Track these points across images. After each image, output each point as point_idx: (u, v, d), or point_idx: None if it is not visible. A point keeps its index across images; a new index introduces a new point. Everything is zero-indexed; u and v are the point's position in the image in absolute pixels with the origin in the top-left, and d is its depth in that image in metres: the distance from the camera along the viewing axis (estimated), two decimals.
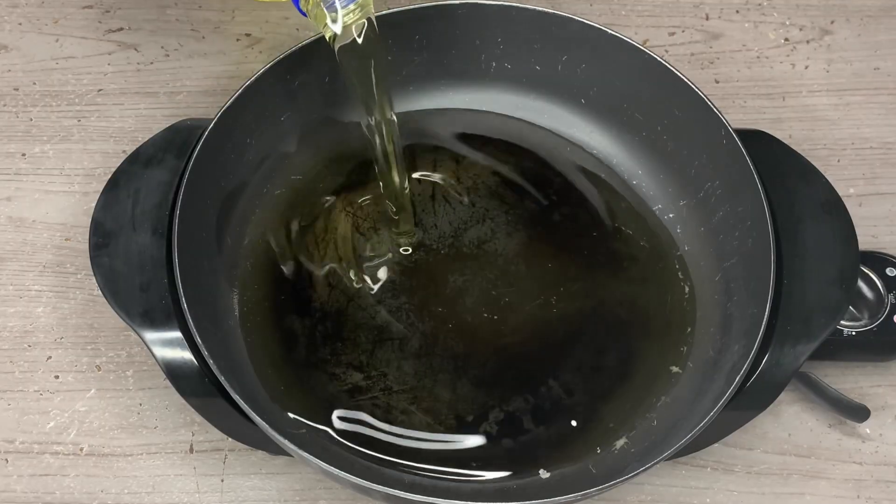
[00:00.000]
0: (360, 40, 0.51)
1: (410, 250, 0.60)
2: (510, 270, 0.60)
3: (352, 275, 0.59)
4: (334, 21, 0.51)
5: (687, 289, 0.59)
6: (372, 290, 0.59)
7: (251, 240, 0.60)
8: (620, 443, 0.54)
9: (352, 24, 0.51)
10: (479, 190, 0.63)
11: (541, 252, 0.60)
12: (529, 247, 0.61)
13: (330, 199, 0.62)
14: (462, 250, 0.60)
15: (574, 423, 0.54)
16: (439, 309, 0.58)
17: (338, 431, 0.54)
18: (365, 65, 0.53)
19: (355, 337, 0.57)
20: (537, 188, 0.63)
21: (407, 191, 0.59)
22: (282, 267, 0.59)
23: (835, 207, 0.56)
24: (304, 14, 0.52)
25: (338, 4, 0.50)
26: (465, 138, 0.64)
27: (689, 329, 0.58)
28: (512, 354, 0.57)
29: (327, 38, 0.52)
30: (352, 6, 0.51)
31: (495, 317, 0.58)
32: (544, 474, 0.53)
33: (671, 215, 0.61)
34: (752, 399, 0.52)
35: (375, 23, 0.52)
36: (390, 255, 0.60)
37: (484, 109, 0.65)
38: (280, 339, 0.57)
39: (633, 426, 0.55)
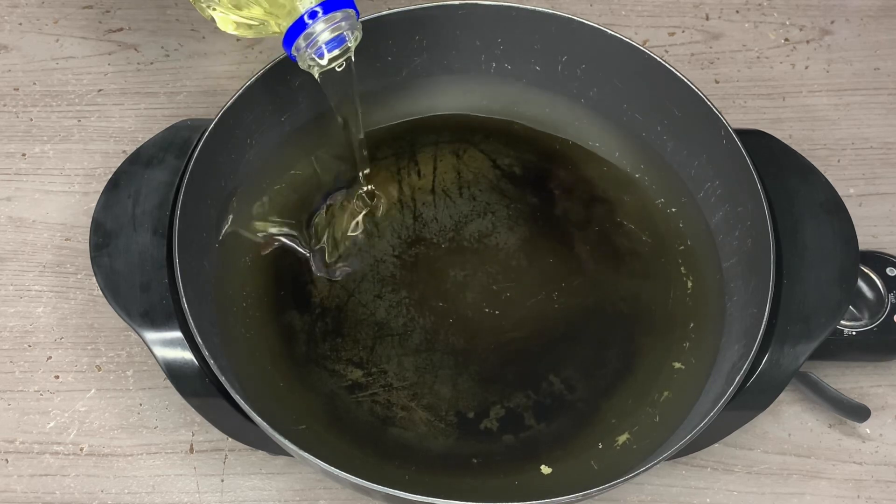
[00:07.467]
0: (338, 70, 0.53)
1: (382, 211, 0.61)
2: (511, 265, 0.60)
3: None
4: (321, 67, 0.52)
5: (689, 284, 0.59)
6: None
7: (251, 238, 0.60)
8: (622, 438, 0.54)
9: (335, 64, 0.53)
10: (480, 184, 0.63)
11: (542, 247, 0.60)
12: (531, 241, 0.61)
13: (330, 196, 0.62)
14: (463, 245, 0.60)
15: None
16: (440, 304, 0.58)
17: (337, 428, 0.54)
18: (342, 84, 0.54)
19: (355, 333, 0.57)
20: (538, 183, 0.63)
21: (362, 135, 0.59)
22: (281, 265, 0.59)
23: (835, 207, 0.56)
24: (294, 58, 0.52)
25: (325, 52, 0.52)
26: (466, 135, 0.64)
27: (691, 324, 0.58)
28: (513, 350, 0.57)
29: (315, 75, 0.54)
30: (337, 51, 0.52)
31: (496, 312, 0.58)
32: (546, 470, 0.53)
33: (673, 210, 0.61)
34: (752, 399, 0.52)
35: (353, 59, 0.53)
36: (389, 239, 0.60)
37: (484, 108, 0.65)
38: (280, 336, 0.57)
39: (636, 422, 0.55)
